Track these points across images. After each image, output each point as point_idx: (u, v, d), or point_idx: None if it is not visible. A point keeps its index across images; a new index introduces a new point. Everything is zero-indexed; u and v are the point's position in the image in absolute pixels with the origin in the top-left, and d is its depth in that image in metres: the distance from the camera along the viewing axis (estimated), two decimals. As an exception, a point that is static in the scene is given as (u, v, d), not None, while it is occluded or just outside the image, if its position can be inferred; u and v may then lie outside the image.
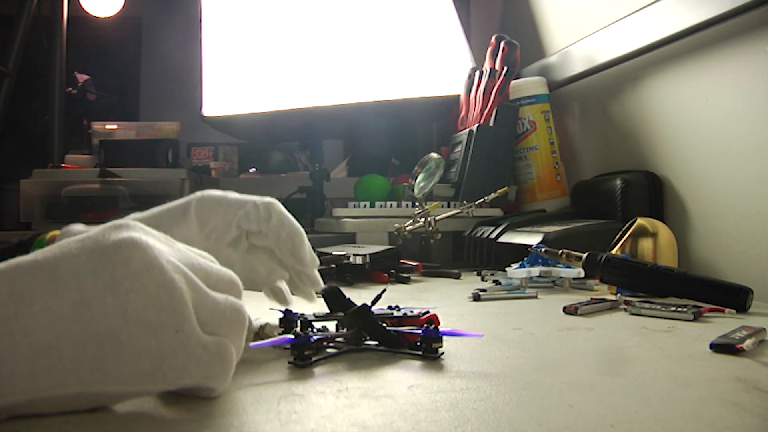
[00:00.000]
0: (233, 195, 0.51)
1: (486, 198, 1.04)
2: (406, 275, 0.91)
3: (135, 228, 0.33)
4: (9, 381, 0.28)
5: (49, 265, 0.31)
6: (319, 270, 0.56)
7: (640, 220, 0.79)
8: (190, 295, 0.32)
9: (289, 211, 0.51)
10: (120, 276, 0.30)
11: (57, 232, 0.49)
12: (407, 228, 1.04)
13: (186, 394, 0.34)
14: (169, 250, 0.34)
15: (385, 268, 0.91)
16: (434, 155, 1.05)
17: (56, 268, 0.31)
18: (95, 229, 0.33)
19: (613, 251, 0.78)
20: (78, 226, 0.46)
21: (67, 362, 0.29)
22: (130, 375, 0.30)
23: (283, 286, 0.52)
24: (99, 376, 0.30)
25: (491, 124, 1.20)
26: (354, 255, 0.89)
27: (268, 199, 0.50)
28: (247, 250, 0.50)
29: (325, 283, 0.52)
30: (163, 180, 1.45)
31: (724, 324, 0.56)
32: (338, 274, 0.89)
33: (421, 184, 1.05)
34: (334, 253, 0.92)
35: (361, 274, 0.89)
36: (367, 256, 0.88)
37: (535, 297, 0.74)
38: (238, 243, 0.50)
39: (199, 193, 0.50)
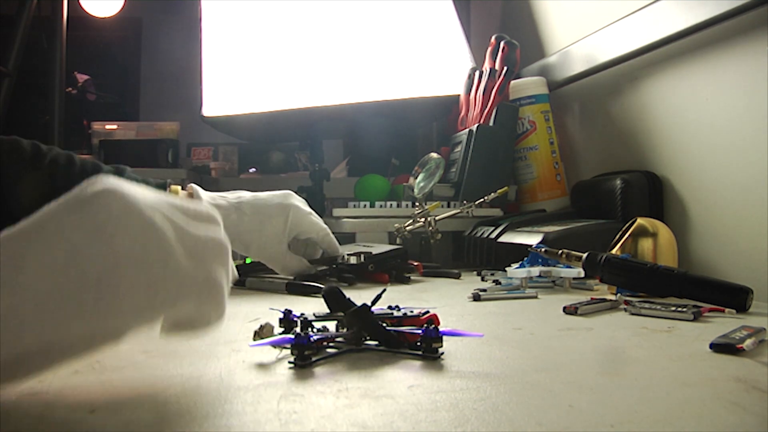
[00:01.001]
0: (310, 218, 0.87)
1: (486, 198, 1.04)
2: (406, 275, 0.91)
3: (110, 179, 0.35)
4: (18, 332, 0.30)
5: (34, 226, 0.32)
6: (320, 270, 0.90)
7: (640, 220, 0.79)
8: (171, 231, 0.34)
9: None
10: (103, 222, 0.32)
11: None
12: (407, 228, 1.04)
13: (186, 334, 0.37)
14: (145, 192, 0.36)
15: (392, 268, 0.91)
16: (434, 155, 1.05)
17: (41, 228, 0.32)
18: (75, 189, 0.34)
19: (613, 251, 0.78)
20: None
21: (70, 306, 0.31)
22: (128, 309, 0.32)
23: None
24: (100, 314, 0.32)
25: (491, 124, 1.20)
26: (347, 255, 0.89)
27: (327, 231, 0.89)
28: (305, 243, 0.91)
29: (324, 283, 0.57)
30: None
31: (724, 324, 0.56)
32: (339, 274, 0.89)
33: (421, 184, 1.04)
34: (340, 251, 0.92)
35: (362, 274, 0.89)
36: (362, 256, 0.88)
37: (535, 297, 0.74)
38: (308, 243, 0.90)
39: (294, 205, 0.86)
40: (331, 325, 0.50)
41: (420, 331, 0.44)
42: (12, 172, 0.75)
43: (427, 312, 0.50)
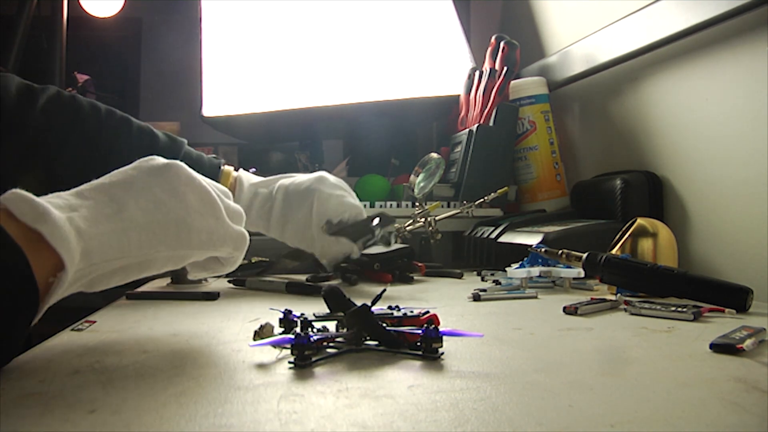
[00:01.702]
0: (337, 200, 0.84)
1: (486, 198, 1.04)
2: (410, 275, 0.91)
3: (165, 157, 0.50)
4: (128, 248, 0.44)
5: (126, 182, 0.46)
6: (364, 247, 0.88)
7: (640, 220, 0.79)
8: (219, 198, 0.50)
9: None
10: (176, 185, 0.48)
11: None
12: (407, 228, 1.04)
13: (216, 269, 0.53)
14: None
15: (396, 268, 0.91)
16: (434, 155, 1.05)
17: (131, 184, 0.46)
18: (134, 163, 0.48)
19: (613, 251, 0.78)
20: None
21: (159, 235, 0.46)
22: (195, 242, 0.48)
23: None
24: (178, 244, 0.47)
25: (491, 124, 1.20)
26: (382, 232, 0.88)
27: (358, 210, 0.85)
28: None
29: (328, 282, 0.57)
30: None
31: (724, 324, 0.56)
32: (342, 273, 0.89)
33: (421, 184, 1.04)
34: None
35: (364, 274, 0.89)
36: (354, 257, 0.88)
37: (535, 297, 0.74)
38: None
39: (317, 190, 0.84)
40: (331, 325, 0.50)
41: (420, 331, 0.44)
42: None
43: (427, 312, 0.50)
